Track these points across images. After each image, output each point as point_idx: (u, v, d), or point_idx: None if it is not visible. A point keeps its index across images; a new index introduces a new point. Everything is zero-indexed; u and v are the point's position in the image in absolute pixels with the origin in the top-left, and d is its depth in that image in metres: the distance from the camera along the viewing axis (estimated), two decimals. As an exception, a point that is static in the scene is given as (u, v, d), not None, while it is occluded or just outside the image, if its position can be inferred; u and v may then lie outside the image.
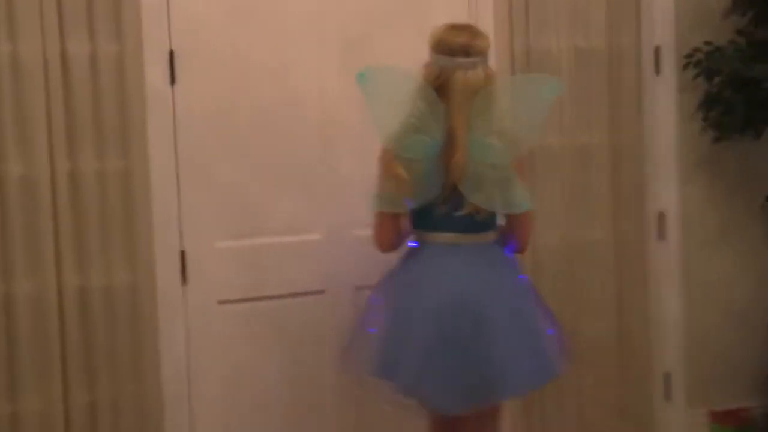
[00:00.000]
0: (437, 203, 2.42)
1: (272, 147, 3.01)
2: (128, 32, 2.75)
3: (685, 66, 3.38)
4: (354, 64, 2.63)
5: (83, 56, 2.72)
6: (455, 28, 2.46)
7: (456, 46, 2.39)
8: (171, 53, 2.87)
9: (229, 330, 3.00)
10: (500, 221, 2.56)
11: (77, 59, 2.71)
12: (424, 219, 2.47)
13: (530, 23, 3.15)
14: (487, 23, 3.06)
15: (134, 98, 2.77)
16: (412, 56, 2.49)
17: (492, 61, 2.66)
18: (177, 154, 2.89)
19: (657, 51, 3.44)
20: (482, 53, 2.43)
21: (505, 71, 3.08)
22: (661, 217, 3.48)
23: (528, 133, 2.44)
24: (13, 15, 2.64)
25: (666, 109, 3.44)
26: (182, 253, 2.93)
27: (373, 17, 3.07)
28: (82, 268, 2.75)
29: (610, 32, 3.31)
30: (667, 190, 3.47)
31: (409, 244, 2.55)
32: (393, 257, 2.63)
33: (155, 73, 2.83)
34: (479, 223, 2.47)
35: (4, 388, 2.70)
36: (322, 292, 3.09)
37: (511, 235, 2.57)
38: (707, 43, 3.38)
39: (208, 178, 2.93)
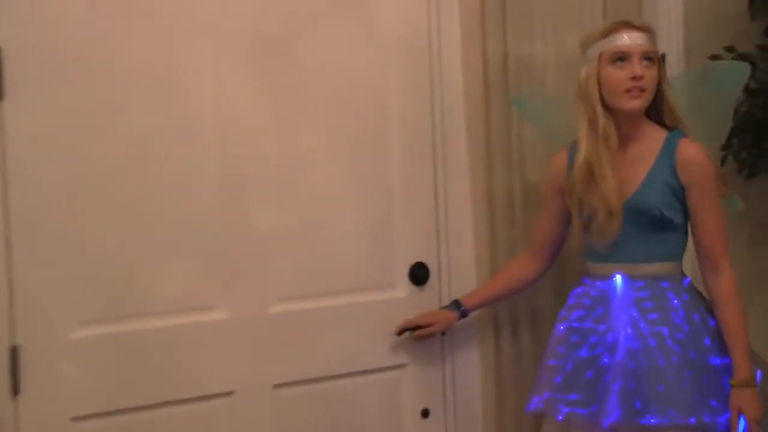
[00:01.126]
0: None
1: (153, 190, 2.54)
2: None
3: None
4: (271, 72, 2.55)
5: None
6: None
7: None
8: (-3, 52, 2.35)
9: (88, 461, 2.47)
10: None
11: None
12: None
13: (507, 25, 2.87)
14: (452, 28, 2.85)
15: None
16: (347, 61, 2.62)
17: (458, 69, 2.80)
18: (8, 201, 2.36)
19: (662, 60, 3.11)
20: None
21: (476, 79, 2.89)
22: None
23: None
24: None
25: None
26: (13, 351, 2.36)
27: (295, 13, 2.73)
28: None
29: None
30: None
31: None
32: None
33: (-31, 81, 2.30)
34: None
35: None
36: (229, 394, 2.63)
37: None
38: (728, 48, 2.95)
39: (57, 236, 2.42)
